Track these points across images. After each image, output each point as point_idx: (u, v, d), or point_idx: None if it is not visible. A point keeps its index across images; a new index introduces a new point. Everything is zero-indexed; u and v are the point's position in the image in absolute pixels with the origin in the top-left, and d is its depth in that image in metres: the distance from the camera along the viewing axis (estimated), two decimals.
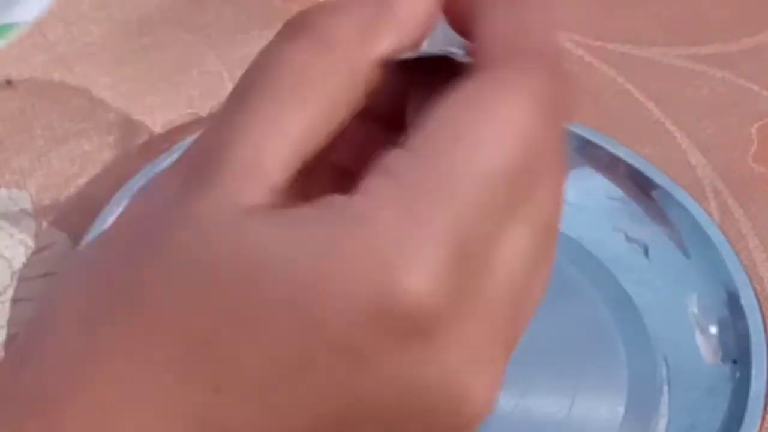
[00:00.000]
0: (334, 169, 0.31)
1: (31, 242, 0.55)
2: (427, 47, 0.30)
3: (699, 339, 0.51)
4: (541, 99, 0.28)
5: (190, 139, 0.41)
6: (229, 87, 0.62)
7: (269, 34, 0.29)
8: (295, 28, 0.29)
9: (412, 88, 0.30)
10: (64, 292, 0.29)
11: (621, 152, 0.56)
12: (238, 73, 0.29)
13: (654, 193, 0.55)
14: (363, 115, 0.30)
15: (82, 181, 0.58)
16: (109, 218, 0.53)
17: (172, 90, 0.62)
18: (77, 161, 0.58)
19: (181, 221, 0.27)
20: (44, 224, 0.56)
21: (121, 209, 0.46)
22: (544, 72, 0.28)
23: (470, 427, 0.28)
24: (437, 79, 0.29)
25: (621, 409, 0.49)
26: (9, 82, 0.62)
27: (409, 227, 0.27)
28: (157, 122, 0.60)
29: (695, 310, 0.52)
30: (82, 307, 0.28)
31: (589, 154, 0.56)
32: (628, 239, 0.55)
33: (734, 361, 0.50)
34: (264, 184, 0.27)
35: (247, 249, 0.27)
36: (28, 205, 0.57)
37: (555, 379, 0.50)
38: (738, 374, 0.49)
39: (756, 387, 0.49)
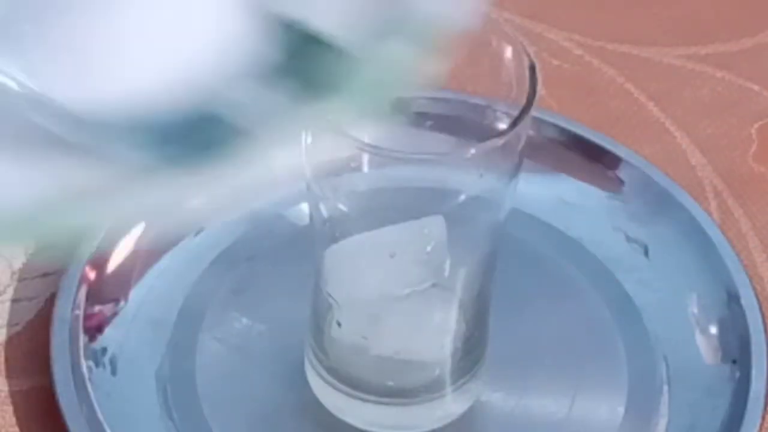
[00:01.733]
0: None
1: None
2: None
3: (699, 339, 0.51)
4: None
5: None
6: None
7: None
8: None
9: None
10: None
11: (621, 152, 0.56)
12: None
13: (654, 193, 0.55)
14: None
15: None
16: None
17: None
18: None
19: None
20: None
21: None
22: None
23: None
24: None
25: (621, 409, 0.49)
26: None
27: None
28: None
29: (695, 310, 0.52)
30: None
31: (589, 154, 0.56)
32: (628, 239, 0.55)
33: (734, 361, 0.50)
34: None
35: None
36: None
37: (555, 379, 0.50)
38: (738, 374, 0.49)
39: (756, 387, 0.49)
